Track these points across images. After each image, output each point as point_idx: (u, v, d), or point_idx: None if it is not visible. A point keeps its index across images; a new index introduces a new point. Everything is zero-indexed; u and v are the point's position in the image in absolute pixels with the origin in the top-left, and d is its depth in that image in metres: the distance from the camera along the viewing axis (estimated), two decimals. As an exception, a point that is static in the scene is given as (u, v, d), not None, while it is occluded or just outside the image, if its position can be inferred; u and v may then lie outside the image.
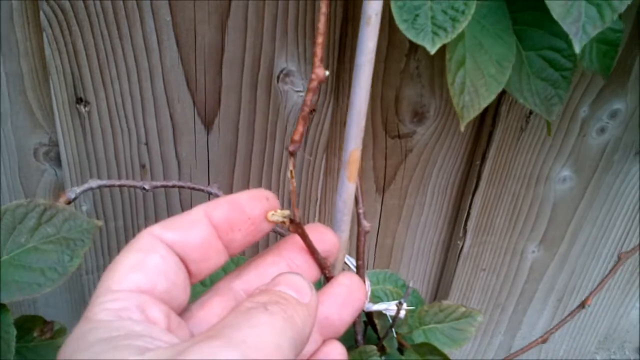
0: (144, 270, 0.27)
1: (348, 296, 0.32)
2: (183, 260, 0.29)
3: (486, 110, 0.73)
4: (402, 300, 0.53)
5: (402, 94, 0.68)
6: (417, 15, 0.49)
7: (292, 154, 0.28)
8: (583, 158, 0.80)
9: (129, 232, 0.69)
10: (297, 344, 0.25)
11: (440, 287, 0.89)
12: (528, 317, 0.98)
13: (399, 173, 0.75)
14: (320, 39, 0.27)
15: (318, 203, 0.74)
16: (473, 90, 0.55)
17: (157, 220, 0.69)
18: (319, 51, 0.27)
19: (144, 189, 0.55)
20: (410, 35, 0.49)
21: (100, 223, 0.49)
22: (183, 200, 0.69)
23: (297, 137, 0.28)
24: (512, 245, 0.87)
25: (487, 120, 0.73)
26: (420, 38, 0.49)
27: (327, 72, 0.28)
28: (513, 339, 1.01)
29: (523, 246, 0.87)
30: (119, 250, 0.70)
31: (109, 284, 0.26)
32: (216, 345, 0.22)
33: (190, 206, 0.69)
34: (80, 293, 0.74)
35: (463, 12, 0.49)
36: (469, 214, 0.80)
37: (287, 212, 0.30)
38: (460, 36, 0.53)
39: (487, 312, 0.94)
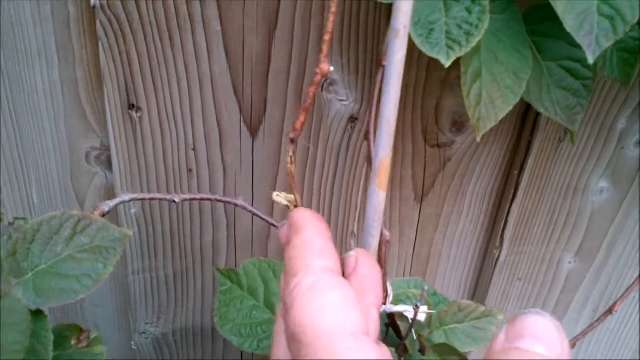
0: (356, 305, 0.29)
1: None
2: None
3: (525, 120, 0.74)
4: (418, 304, 0.54)
5: (442, 103, 0.70)
6: (431, 30, 0.51)
7: (293, 141, 0.29)
8: (621, 170, 0.80)
9: (174, 235, 0.71)
10: None
11: (476, 295, 0.89)
12: (563, 328, 0.98)
13: (438, 182, 0.76)
14: (327, 37, 0.29)
15: (358, 209, 0.75)
16: (489, 102, 0.56)
17: (202, 225, 0.71)
18: (325, 48, 0.29)
19: (173, 201, 0.57)
20: (425, 49, 0.51)
21: (131, 233, 0.50)
22: (227, 205, 0.70)
23: (298, 125, 0.29)
24: (548, 255, 0.87)
25: (525, 131, 0.74)
26: (435, 52, 0.51)
27: (332, 68, 0.29)
28: (547, 350, 1.00)
29: (559, 256, 0.87)
30: (164, 252, 0.72)
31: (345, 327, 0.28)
32: None
33: (235, 212, 0.71)
34: (126, 293, 0.76)
35: (477, 27, 0.51)
36: (506, 223, 0.81)
37: (291, 196, 0.31)
38: (476, 49, 0.55)
39: (521, 322, 0.94)
